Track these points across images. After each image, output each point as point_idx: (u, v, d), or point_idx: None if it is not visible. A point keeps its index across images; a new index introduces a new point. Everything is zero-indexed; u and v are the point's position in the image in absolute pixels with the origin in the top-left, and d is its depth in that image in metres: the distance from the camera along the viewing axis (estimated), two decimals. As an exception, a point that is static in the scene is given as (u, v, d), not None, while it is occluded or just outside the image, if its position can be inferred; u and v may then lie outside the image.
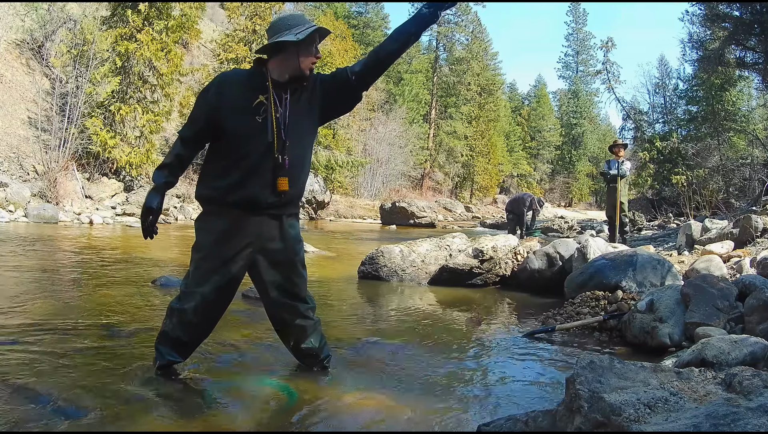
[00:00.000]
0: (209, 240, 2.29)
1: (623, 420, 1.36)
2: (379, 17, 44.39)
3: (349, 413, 2.16)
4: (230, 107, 2.24)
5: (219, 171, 2.29)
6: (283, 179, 2.26)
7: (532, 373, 2.81)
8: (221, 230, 2.27)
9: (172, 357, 2.37)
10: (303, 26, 2.24)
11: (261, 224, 2.29)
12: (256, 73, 2.29)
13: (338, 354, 2.82)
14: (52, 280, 4.85)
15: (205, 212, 2.36)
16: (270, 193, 2.26)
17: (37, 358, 2.56)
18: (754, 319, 2.97)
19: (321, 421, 2.07)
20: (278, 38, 2.22)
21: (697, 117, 24.00)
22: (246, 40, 20.14)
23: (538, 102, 56.77)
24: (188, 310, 2.29)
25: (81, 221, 11.86)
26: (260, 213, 2.28)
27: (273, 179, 2.26)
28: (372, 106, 32.94)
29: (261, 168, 2.25)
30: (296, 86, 2.30)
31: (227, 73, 2.38)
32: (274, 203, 2.28)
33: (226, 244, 2.27)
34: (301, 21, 2.27)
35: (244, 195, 2.25)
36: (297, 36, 2.20)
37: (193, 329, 2.33)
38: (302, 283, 2.43)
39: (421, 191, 36.78)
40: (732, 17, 15.78)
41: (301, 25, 2.24)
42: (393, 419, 2.13)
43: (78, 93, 14.39)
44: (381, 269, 5.76)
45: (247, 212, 2.27)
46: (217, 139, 2.30)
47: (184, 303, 2.31)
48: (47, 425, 1.86)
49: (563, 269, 5.31)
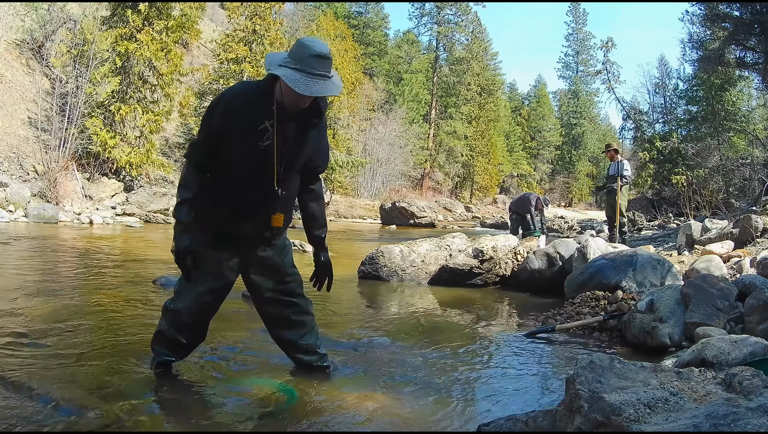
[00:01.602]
0: (204, 243, 2.26)
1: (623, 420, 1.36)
2: (379, 17, 44.36)
3: (349, 413, 2.16)
4: (235, 131, 2.11)
5: (213, 197, 2.22)
6: (279, 216, 2.24)
7: (532, 373, 2.81)
8: (213, 235, 2.26)
9: (168, 356, 2.37)
10: (304, 71, 1.99)
11: (250, 243, 2.30)
12: (263, 94, 2.11)
13: (338, 354, 2.82)
14: (52, 280, 4.85)
15: (197, 217, 2.27)
16: (264, 228, 2.26)
17: (37, 358, 2.56)
18: (754, 319, 2.97)
19: (321, 421, 2.07)
20: (272, 69, 2.03)
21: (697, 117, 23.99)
22: (246, 40, 20.12)
23: (538, 102, 56.72)
24: (182, 311, 2.29)
25: (81, 221, 11.86)
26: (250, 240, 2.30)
27: (268, 215, 2.22)
28: (372, 107, 32.92)
29: (257, 202, 2.19)
30: (303, 116, 2.15)
31: (234, 92, 2.16)
32: (267, 237, 2.30)
33: (220, 248, 2.27)
34: (308, 62, 1.99)
35: (236, 231, 2.24)
36: (284, 75, 1.99)
37: (187, 329, 2.33)
38: (295, 281, 2.43)
39: (421, 191, 36.76)
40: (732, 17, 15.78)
41: (304, 66, 1.99)
42: (393, 419, 2.13)
43: (78, 93, 14.38)
44: (381, 269, 5.76)
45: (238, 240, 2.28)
46: (217, 158, 2.18)
47: (177, 304, 2.31)
48: (47, 425, 1.86)
49: (563, 269, 5.31)
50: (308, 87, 1.98)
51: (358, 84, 31.17)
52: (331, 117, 28.11)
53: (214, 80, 19.99)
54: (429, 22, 42.90)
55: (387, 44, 43.89)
